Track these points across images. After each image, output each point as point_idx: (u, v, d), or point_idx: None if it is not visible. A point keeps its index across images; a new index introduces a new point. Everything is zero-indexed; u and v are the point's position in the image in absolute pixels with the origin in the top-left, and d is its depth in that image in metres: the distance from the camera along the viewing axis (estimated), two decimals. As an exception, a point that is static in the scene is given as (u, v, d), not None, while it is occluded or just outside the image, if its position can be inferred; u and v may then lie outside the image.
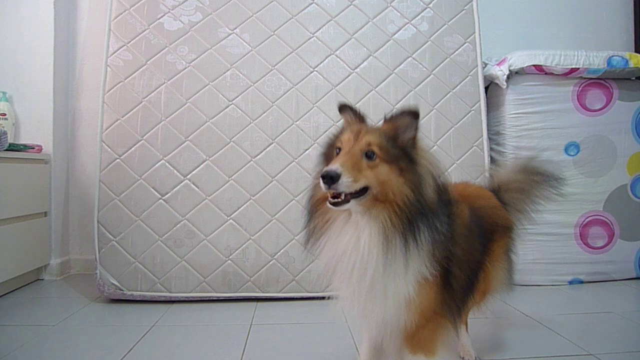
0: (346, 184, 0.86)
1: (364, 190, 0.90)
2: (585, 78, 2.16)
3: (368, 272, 0.90)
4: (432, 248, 0.92)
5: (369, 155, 0.92)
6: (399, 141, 0.96)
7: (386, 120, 1.01)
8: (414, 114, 0.96)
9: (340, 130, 1.05)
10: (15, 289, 2.04)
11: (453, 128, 2.08)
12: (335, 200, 0.88)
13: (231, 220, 1.91)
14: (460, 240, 1.01)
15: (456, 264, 1.00)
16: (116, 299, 1.86)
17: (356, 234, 0.91)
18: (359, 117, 1.07)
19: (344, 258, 0.92)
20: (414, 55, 2.12)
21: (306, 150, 1.98)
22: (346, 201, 0.89)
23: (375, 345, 1.06)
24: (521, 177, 1.38)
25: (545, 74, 2.13)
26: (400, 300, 0.92)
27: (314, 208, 1.00)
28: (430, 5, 2.17)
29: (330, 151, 1.01)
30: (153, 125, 1.95)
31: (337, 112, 1.11)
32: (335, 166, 0.87)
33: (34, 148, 2.15)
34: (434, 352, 1.00)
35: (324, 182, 0.86)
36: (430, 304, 0.97)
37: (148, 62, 2.00)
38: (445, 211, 0.96)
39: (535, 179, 1.37)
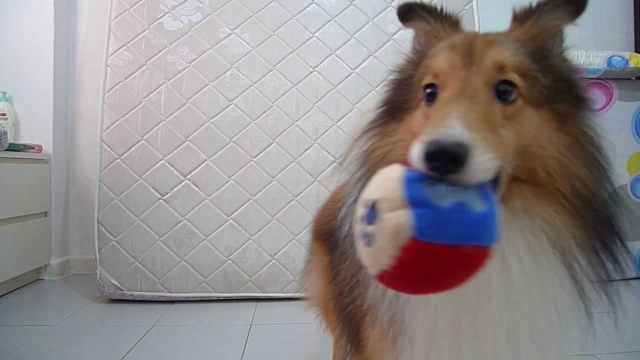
0: (485, 166, 0.39)
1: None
2: (585, 78, 2.16)
3: (537, 342, 0.48)
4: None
5: (503, 92, 0.47)
6: (552, 59, 0.52)
7: (519, 18, 0.55)
8: (569, 12, 0.52)
9: (420, 52, 0.57)
10: (15, 289, 2.04)
11: (453, 128, 2.07)
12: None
13: (231, 220, 1.91)
14: None
15: None
16: (116, 299, 1.86)
17: (499, 262, 0.45)
18: (450, 21, 0.59)
19: (476, 312, 0.47)
20: (414, 55, 2.11)
21: (306, 150, 1.98)
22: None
23: None
24: None
25: (545, 74, 2.13)
26: None
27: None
28: (430, 5, 2.17)
29: (404, 96, 0.54)
30: (153, 125, 1.95)
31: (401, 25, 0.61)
32: (456, 128, 0.40)
33: (34, 148, 2.14)
34: None
35: (434, 169, 0.39)
36: None
37: (148, 62, 2.00)
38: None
39: None
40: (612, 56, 2.12)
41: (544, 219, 0.46)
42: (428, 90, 0.50)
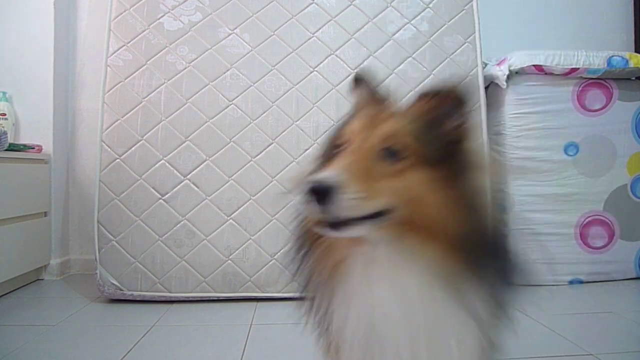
0: (351, 201, 0.53)
1: (381, 213, 0.57)
2: (585, 78, 2.16)
3: (440, 352, 0.58)
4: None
5: (391, 153, 0.59)
6: (442, 129, 0.62)
7: (420, 98, 0.65)
8: (455, 97, 0.62)
9: (346, 118, 0.71)
10: (15, 289, 2.04)
11: (453, 128, 2.07)
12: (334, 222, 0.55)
13: (231, 220, 1.91)
14: None
15: None
16: (116, 299, 1.86)
17: (397, 284, 0.58)
18: (378, 97, 0.72)
19: (385, 328, 0.58)
20: (414, 55, 2.12)
21: (306, 150, 1.98)
22: (351, 223, 0.55)
23: None
24: None
25: (545, 74, 2.13)
26: None
27: (308, 238, 0.66)
28: (430, 5, 2.17)
29: (330, 153, 0.67)
30: (153, 125, 1.95)
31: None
32: (329, 172, 0.54)
33: (34, 148, 2.14)
34: None
35: (310, 199, 0.53)
36: None
37: (148, 62, 2.00)
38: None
39: None
40: (612, 56, 2.12)
41: (430, 257, 0.58)
42: (340, 148, 0.64)
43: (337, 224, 0.55)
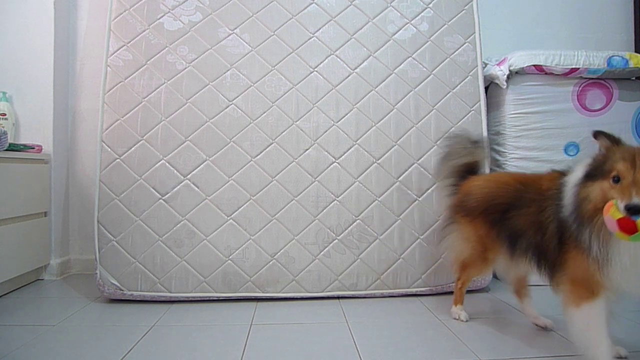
0: None
1: None
2: (585, 78, 2.16)
3: None
4: None
5: None
6: None
7: None
8: None
9: (606, 156, 1.22)
10: (15, 289, 2.04)
11: (453, 128, 2.08)
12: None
13: (231, 220, 1.91)
14: None
15: None
16: (116, 299, 1.86)
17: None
18: (616, 141, 1.23)
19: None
20: (414, 55, 2.12)
21: (306, 150, 1.98)
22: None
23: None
24: None
25: (545, 74, 2.13)
26: None
27: (590, 215, 1.20)
28: (430, 5, 2.17)
29: (597, 172, 1.21)
30: (153, 125, 1.96)
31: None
32: (636, 199, 1.09)
33: (34, 148, 2.15)
34: None
35: (632, 213, 1.05)
36: None
37: (148, 62, 2.00)
38: None
39: None
40: (612, 56, 2.12)
41: None
42: (614, 177, 1.13)
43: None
